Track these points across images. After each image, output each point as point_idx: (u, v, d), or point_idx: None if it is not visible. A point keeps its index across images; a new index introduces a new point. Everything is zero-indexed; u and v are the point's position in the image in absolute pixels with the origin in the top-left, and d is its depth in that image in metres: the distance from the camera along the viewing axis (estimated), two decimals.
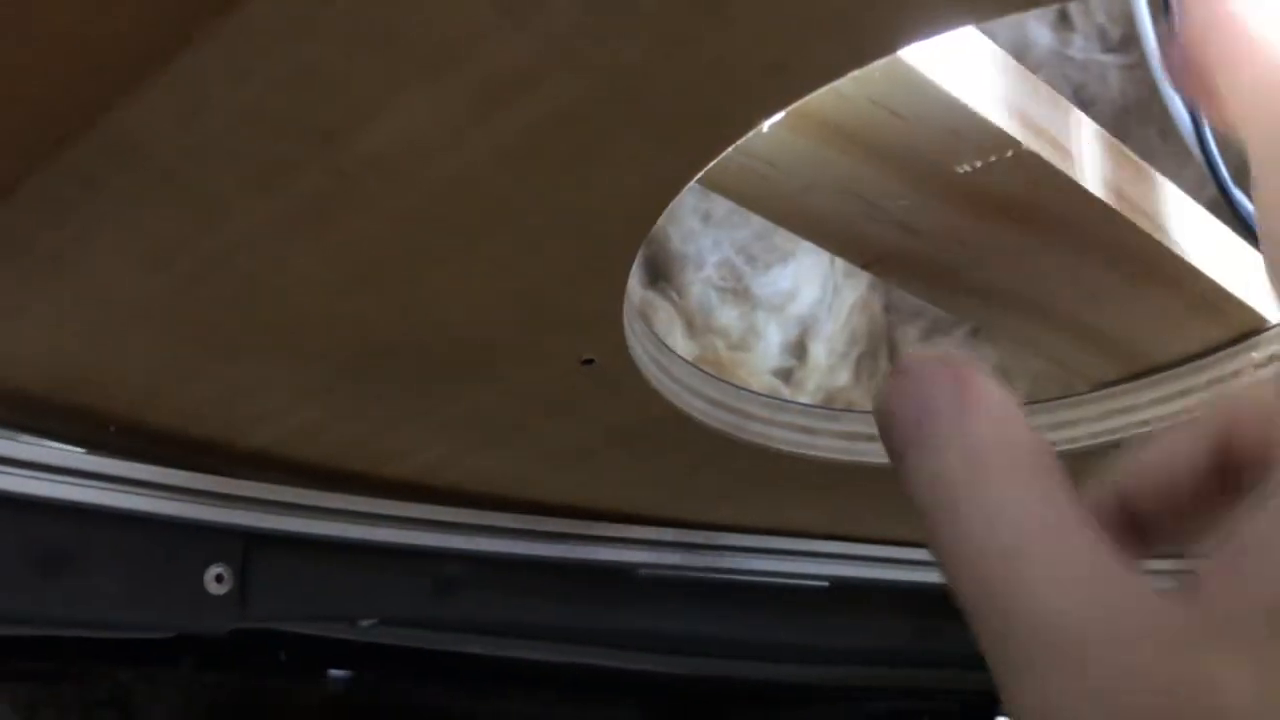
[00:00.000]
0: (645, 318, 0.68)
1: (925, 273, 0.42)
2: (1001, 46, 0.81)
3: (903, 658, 0.67)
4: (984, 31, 0.73)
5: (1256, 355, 0.48)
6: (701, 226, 0.70)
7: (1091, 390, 0.51)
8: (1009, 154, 0.36)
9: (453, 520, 0.52)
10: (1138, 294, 0.45)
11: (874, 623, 0.64)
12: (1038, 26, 0.79)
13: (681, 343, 0.68)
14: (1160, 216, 0.43)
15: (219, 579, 0.46)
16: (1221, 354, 0.49)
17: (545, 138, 0.29)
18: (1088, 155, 0.39)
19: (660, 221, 0.72)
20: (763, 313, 0.71)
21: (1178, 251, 0.43)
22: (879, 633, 0.65)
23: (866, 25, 0.27)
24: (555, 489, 0.52)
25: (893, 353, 0.75)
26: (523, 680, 0.70)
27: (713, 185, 0.36)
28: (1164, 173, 0.78)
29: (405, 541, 0.51)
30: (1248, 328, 0.48)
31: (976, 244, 0.41)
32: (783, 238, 0.72)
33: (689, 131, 0.29)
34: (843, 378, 0.72)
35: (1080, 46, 0.81)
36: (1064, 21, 0.80)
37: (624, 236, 0.33)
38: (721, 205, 0.71)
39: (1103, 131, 0.42)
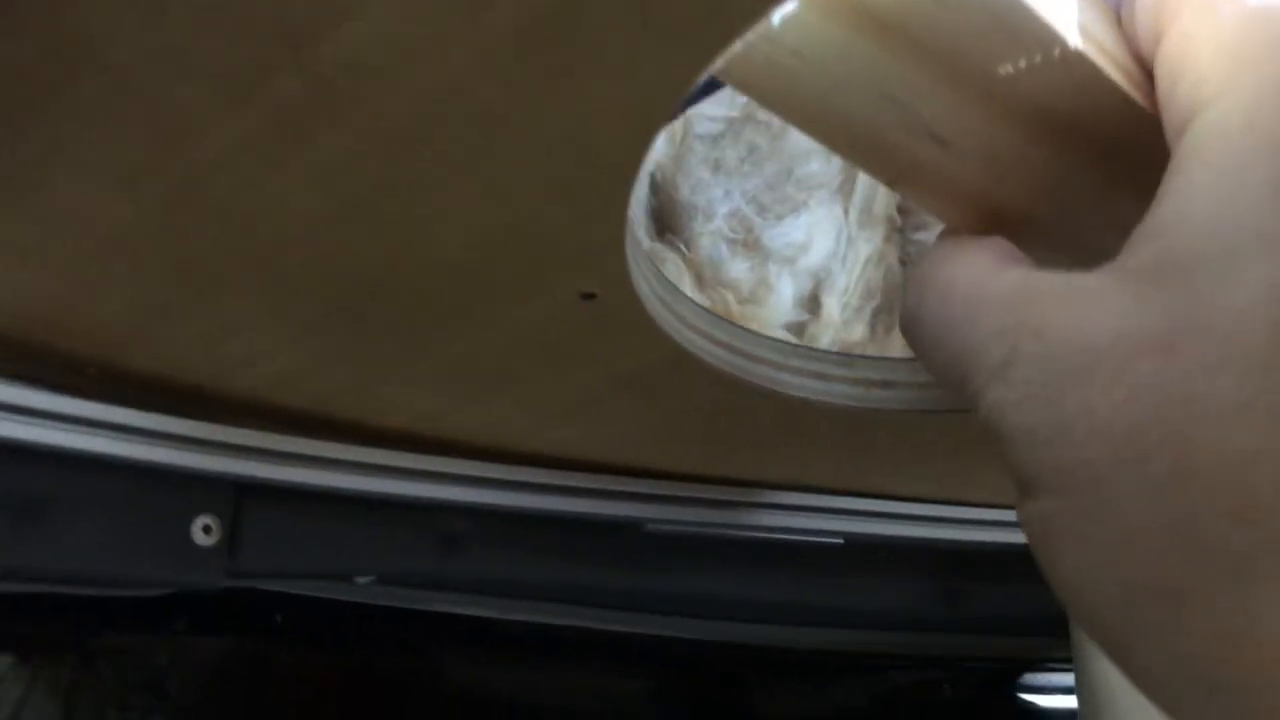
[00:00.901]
0: (653, 270, 0.66)
1: (951, 192, 0.39)
2: None
3: (922, 621, 0.65)
4: None
5: None
6: (711, 176, 0.68)
7: None
8: (1055, 53, 0.33)
9: (454, 472, 0.50)
10: None
11: (892, 583, 0.62)
12: None
13: (691, 296, 0.65)
14: None
15: (207, 530, 0.44)
16: None
17: (535, 39, 0.27)
18: (1130, 65, 0.36)
19: (668, 171, 0.70)
20: (774, 265, 0.69)
21: None
22: (897, 594, 0.63)
23: None
24: (559, 440, 0.50)
25: None
26: (530, 646, 0.68)
27: (732, 79, 0.33)
28: None
29: (405, 494, 0.49)
30: None
31: (1011, 161, 0.38)
32: (795, 187, 0.69)
33: (690, 24, 0.27)
34: (858, 332, 0.70)
35: None
36: None
37: (624, 151, 0.31)
38: (732, 154, 0.69)
39: None
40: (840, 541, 0.57)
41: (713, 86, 0.67)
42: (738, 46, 0.30)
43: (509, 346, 0.42)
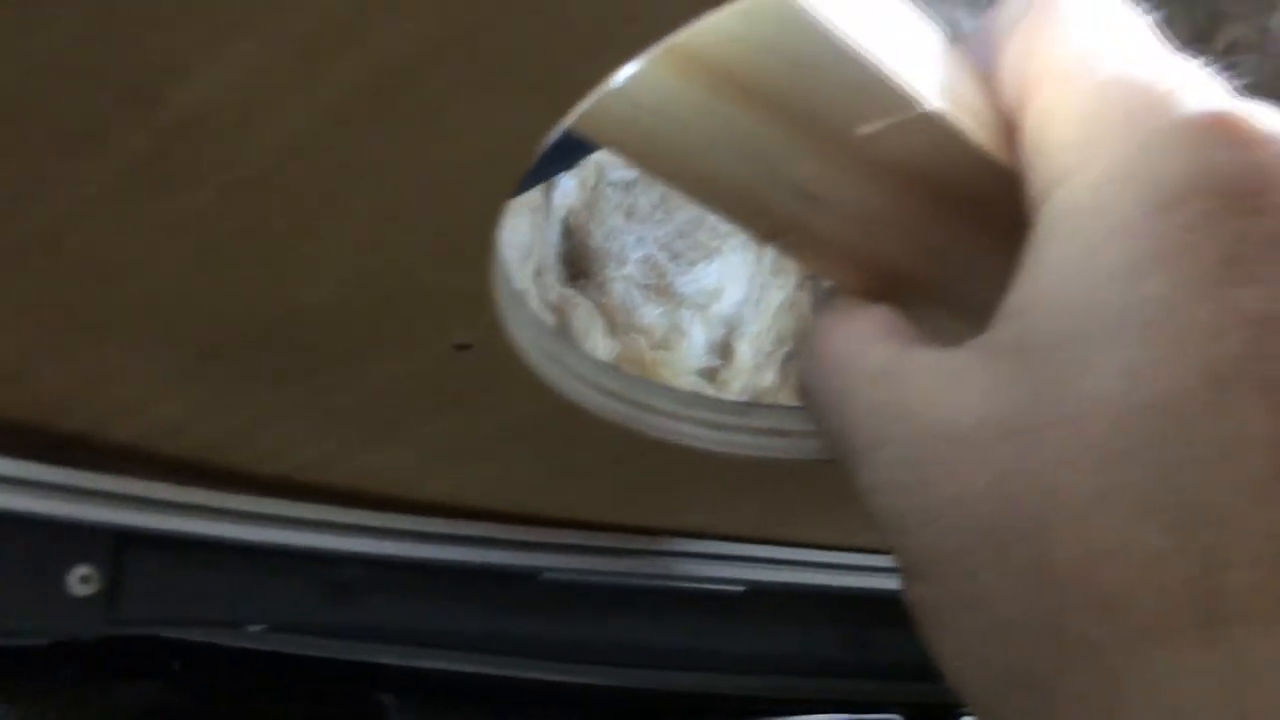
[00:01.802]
0: (563, 315, 0.66)
1: (824, 248, 0.40)
2: None
3: (828, 667, 0.65)
4: None
5: None
6: (624, 222, 0.68)
7: None
8: (913, 114, 0.34)
9: (345, 521, 0.49)
10: None
11: (795, 630, 0.62)
12: (969, 19, 0.78)
13: (602, 342, 0.66)
14: None
15: (85, 580, 0.43)
16: None
17: (380, 95, 0.27)
18: (1001, 127, 0.37)
19: (581, 218, 0.71)
20: (687, 311, 0.70)
21: None
22: (801, 640, 0.63)
23: None
24: (451, 489, 0.50)
25: None
26: (434, 692, 0.68)
27: (595, 136, 0.33)
28: None
29: (294, 543, 0.48)
30: None
31: (885, 219, 0.39)
32: (708, 234, 0.70)
33: (535, 85, 0.27)
34: (769, 378, 0.70)
35: None
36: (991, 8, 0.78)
37: (482, 204, 0.31)
38: (645, 200, 0.69)
39: None
40: (741, 589, 0.57)
41: None
42: (594, 106, 0.30)
43: (390, 395, 0.41)
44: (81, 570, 0.43)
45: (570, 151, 0.38)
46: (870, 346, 0.33)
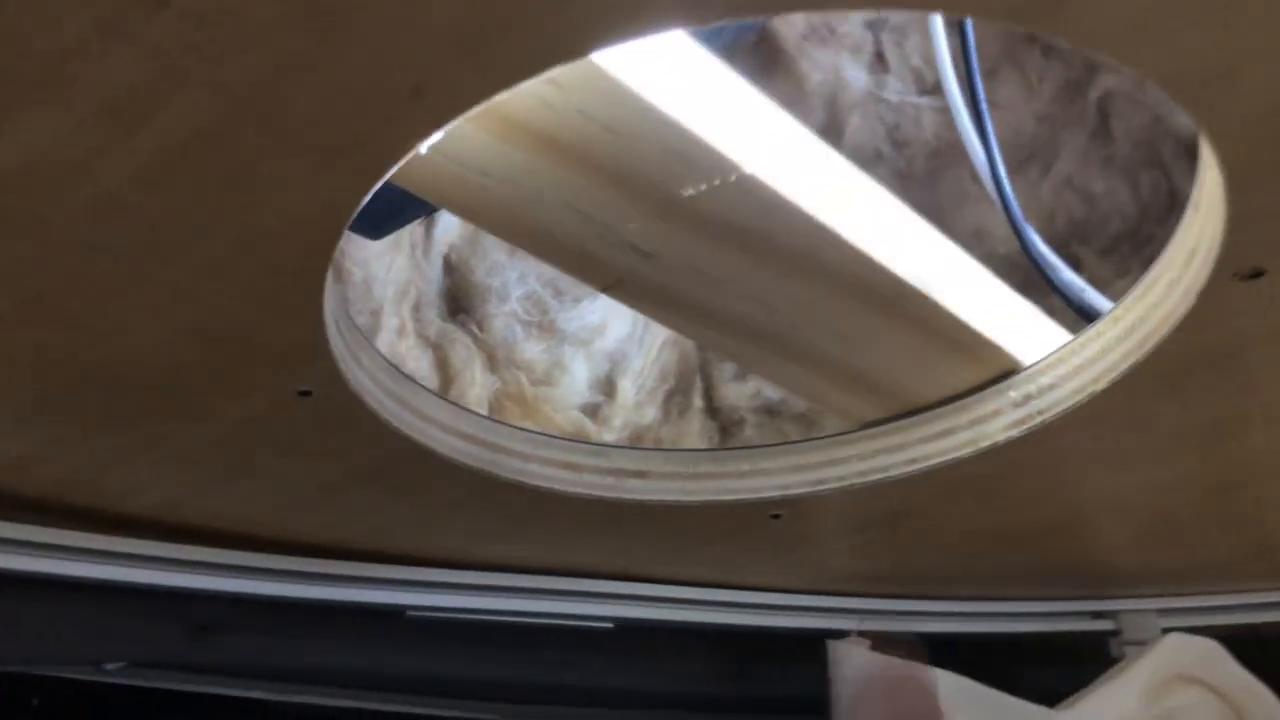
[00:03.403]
0: (442, 351, 0.67)
1: (664, 300, 0.41)
2: (814, 88, 0.80)
3: (705, 701, 0.66)
4: (799, 71, 0.72)
5: (1014, 394, 0.48)
6: (507, 259, 0.69)
7: (860, 429, 0.50)
8: (732, 178, 0.35)
9: (204, 560, 0.49)
10: (888, 333, 0.44)
11: (669, 664, 0.63)
12: (853, 68, 0.79)
13: (481, 377, 0.66)
14: (905, 254, 0.42)
15: None
16: (980, 394, 0.48)
17: (187, 159, 0.28)
18: (823, 185, 0.38)
19: (463, 253, 0.71)
20: (570, 347, 0.70)
21: (922, 289, 0.42)
22: (676, 674, 0.64)
23: (506, 47, 0.26)
24: (310, 528, 0.50)
25: (707, 390, 0.74)
26: None
27: (430, 195, 0.34)
28: (975, 214, 0.78)
29: (152, 582, 0.49)
30: (1003, 369, 0.48)
31: (713, 271, 0.40)
32: None
33: (339, 155, 0.28)
34: (650, 414, 0.71)
35: (895, 89, 0.81)
36: (880, 63, 0.80)
37: (304, 260, 0.32)
38: None
39: (847, 163, 0.41)
40: (610, 626, 0.58)
41: None
42: (418, 166, 0.31)
43: (235, 439, 0.42)
44: None
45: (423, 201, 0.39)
46: None
